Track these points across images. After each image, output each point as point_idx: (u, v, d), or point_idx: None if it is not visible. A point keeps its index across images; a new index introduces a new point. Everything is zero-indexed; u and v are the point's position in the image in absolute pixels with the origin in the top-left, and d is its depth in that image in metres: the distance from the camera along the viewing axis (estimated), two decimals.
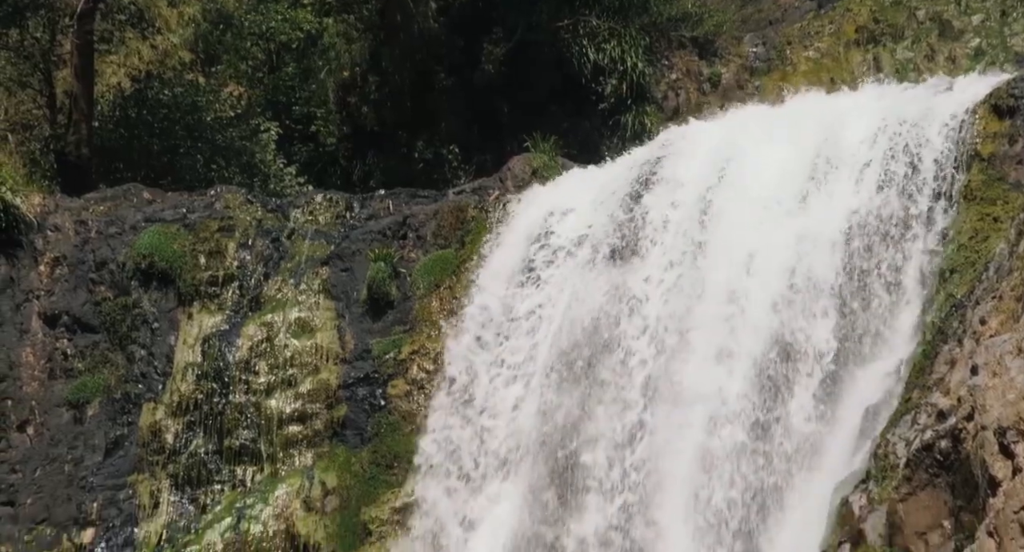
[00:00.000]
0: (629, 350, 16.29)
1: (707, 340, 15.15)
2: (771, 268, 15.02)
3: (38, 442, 20.07)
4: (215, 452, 19.74)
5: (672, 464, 14.73)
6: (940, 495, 10.30)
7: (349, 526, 18.68)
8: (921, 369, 12.01)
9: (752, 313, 14.81)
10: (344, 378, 19.92)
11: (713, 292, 15.44)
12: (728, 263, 15.57)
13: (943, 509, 10.25)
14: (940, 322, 12.46)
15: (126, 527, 19.44)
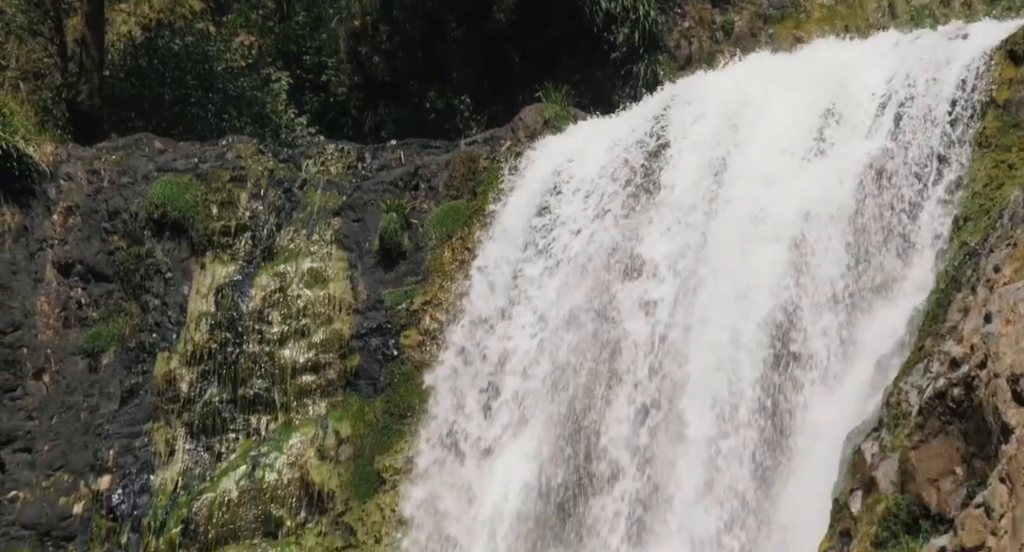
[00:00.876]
0: (645, 298, 16.32)
1: (725, 280, 15.17)
2: (783, 219, 14.98)
3: (54, 390, 20.22)
4: (229, 401, 19.89)
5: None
6: (953, 442, 10.32)
7: (363, 474, 18.82)
8: (934, 317, 12.01)
9: (766, 260, 14.82)
10: (357, 328, 20.00)
11: (726, 240, 15.44)
12: (740, 214, 15.55)
13: (955, 456, 10.28)
14: (953, 270, 12.43)
15: (142, 474, 19.63)
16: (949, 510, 10.18)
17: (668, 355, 15.46)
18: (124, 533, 19.25)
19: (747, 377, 14.28)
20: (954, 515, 10.01)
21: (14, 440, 19.94)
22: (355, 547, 18.22)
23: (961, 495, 10.09)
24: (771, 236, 14.83)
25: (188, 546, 18.78)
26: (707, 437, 14.26)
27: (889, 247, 14.14)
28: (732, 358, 14.44)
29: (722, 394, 14.32)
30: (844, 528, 11.57)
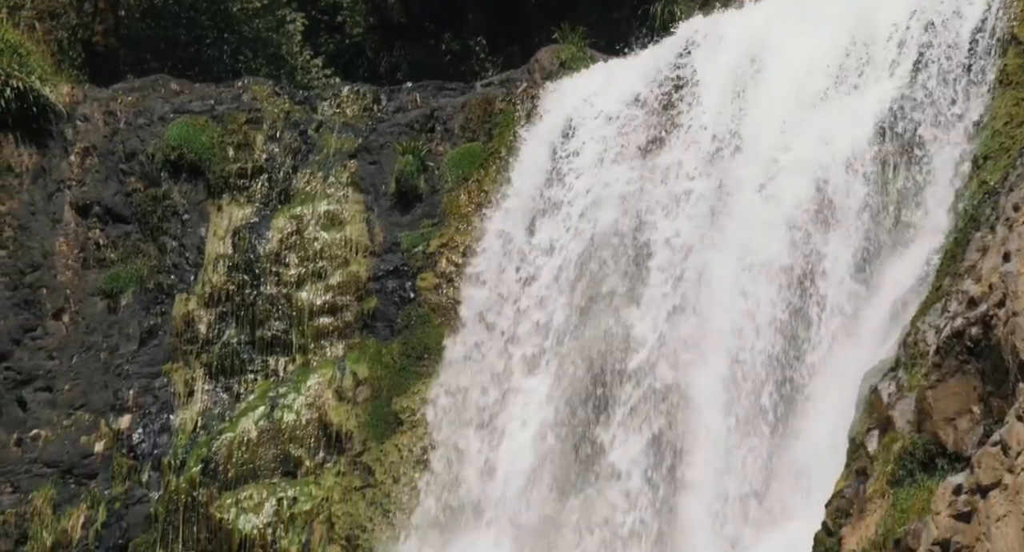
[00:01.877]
0: (664, 236, 16.36)
1: (743, 215, 15.18)
2: (803, 158, 14.93)
3: (73, 330, 20.35)
4: (248, 342, 20.00)
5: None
6: (970, 381, 10.32)
7: (381, 416, 18.94)
8: (952, 257, 11.96)
9: (785, 204, 14.81)
10: (374, 271, 20.04)
11: (748, 179, 15.42)
12: (759, 154, 15.50)
13: (972, 395, 10.28)
14: (972, 209, 12.36)
15: (162, 414, 19.81)
16: (966, 448, 10.20)
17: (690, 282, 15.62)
18: (145, 472, 19.46)
19: (766, 301, 14.41)
20: (971, 453, 10.03)
21: (35, 379, 20.13)
22: (373, 487, 18.38)
23: (978, 433, 10.11)
24: (792, 172, 14.81)
25: (208, 485, 18.98)
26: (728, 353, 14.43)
27: (908, 186, 14.09)
28: (751, 290, 14.57)
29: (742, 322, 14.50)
30: (860, 467, 11.62)
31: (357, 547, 17.90)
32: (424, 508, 17.62)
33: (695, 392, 14.83)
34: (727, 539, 14.11)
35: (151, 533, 18.91)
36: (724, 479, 14.11)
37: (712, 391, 14.62)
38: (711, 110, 16.81)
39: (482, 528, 17.11)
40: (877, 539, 10.76)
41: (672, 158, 16.93)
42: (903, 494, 10.74)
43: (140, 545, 18.89)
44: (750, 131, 15.96)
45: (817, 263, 14.39)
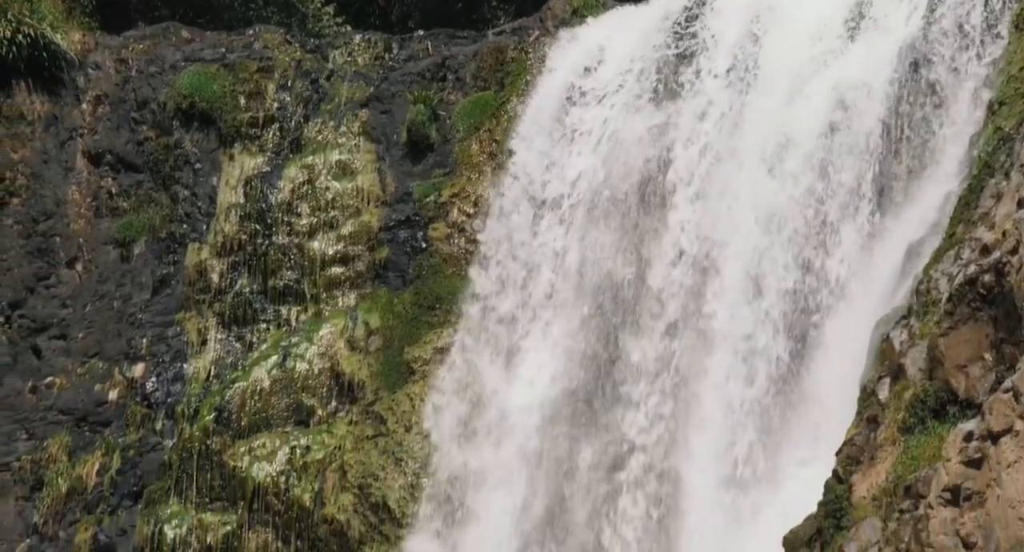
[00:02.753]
0: (675, 178, 16.38)
1: (755, 163, 15.18)
2: (818, 104, 14.86)
3: (87, 279, 20.43)
4: (260, 292, 20.06)
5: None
6: (982, 329, 10.29)
7: (393, 365, 19.01)
8: (966, 204, 11.89)
9: (800, 143, 14.81)
10: (385, 220, 20.03)
11: (761, 122, 15.41)
12: (775, 97, 15.44)
13: (984, 342, 10.25)
14: (987, 156, 12.26)
15: (175, 363, 19.91)
16: (977, 395, 10.19)
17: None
18: (159, 420, 19.60)
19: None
20: (982, 400, 10.02)
21: (49, 327, 20.25)
22: (385, 435, 18.47)
23: (989, 380, 10.09)
24: (807, 113, 14.82)
25: (221, 433, 19.11)
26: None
27: (922, 133, 14.01)
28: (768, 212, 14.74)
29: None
30: (871, 415, 11.62)
31: (369, 495, 18.04)
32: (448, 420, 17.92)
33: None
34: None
35: (165, 481, 19.08)
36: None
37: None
38: (726, 54, 16.71)
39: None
40: (887, 486, 10.79)
41: (688, 104, 16.85)
42: (914, 441, 10.75)
43: (155, 492, 19.07)
44: (766, 72, 15.89)
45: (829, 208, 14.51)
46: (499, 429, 17.53)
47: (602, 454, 15.97)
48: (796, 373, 14.22)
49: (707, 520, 14.27)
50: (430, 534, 17.53)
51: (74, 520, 19.20)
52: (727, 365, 14.63)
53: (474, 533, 17.16)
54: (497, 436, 17.52)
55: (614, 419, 16.00)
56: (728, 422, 14.44)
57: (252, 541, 18.52)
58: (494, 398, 17.72)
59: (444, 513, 17.54)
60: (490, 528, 16.95)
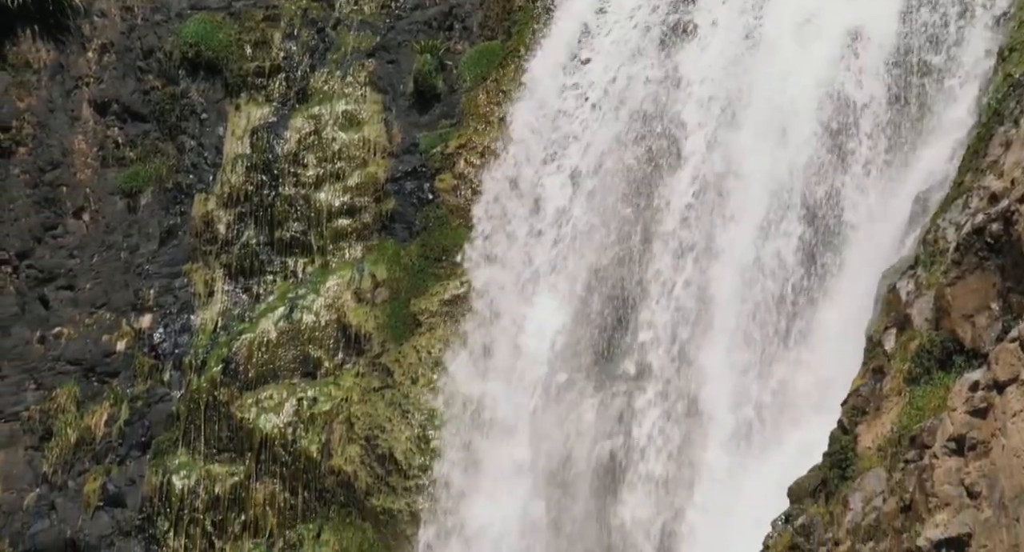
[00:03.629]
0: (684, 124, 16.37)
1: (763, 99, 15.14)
2: (826, 46, 14.80)
3: (94, 229, 20.45)
4: (266, 243, 20.06)
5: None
6: (989, 278, 10.27)
7: (399, 317, 19.03)
8: (975, 152, 11.82)
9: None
10: (392, 172, 19.99)
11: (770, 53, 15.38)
12: (782, 34, 15.38)
13: (991, 291, 10.24)
14: (996, 103, 12.15)
15: (183, 314, 19.96)
16: (983, 345, 10.19)
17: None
18: (166, 371, 19.68)
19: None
20: (988, 350, 10.02)
21: (56, 277, 20.29)
22: (392, 387, 18.54)
23: (996, 330, 10.09)
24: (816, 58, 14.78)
25: (229, 384, 19.19)
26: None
27: (932, 79, 13.91)
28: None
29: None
30: (877, 365, 11.64)
31: (376, 447, 18.13)
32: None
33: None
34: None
35: (173, 431, 19.18)
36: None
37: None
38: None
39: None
40: (892, 436, 10.81)
41: (695, 47, 16.75)
42: (919, 391, 10.77)
43: (163, 443, 19.18)
44: (767, 20, 15.81)
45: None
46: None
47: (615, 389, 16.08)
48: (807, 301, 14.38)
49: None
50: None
51: (83, 470, 19.34)
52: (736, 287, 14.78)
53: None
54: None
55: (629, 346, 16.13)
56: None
57: (260, 492, 18.65)
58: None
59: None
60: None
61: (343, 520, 18.16)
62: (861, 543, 10.08)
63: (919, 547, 9.26)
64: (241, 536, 18.53)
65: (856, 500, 10.62)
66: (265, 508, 18.55)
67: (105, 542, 18.79)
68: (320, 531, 18.18)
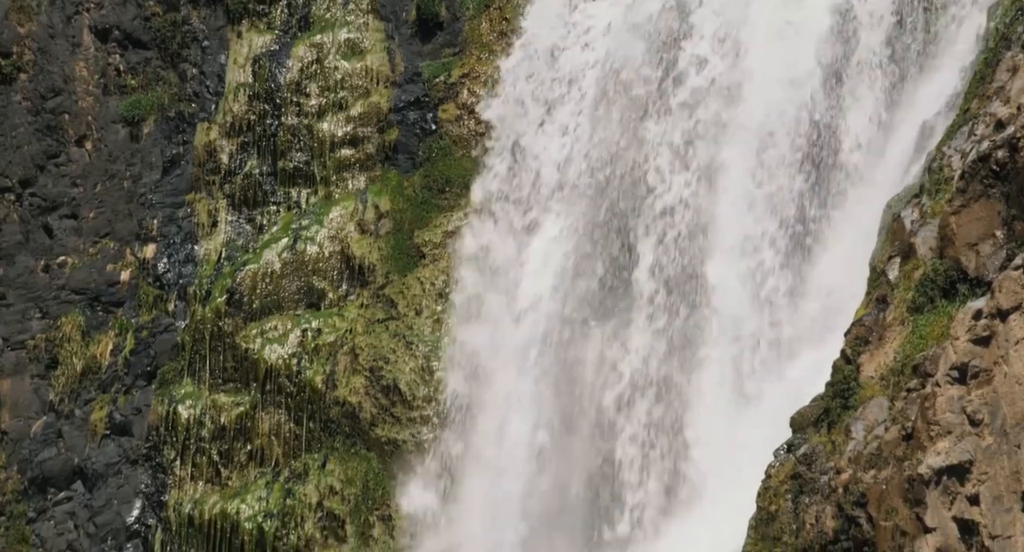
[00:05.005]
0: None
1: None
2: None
3: (96, 157, 20.38)
4: (270, 174, 20.01)
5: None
6: (994, 206, 10.22)
7: (403, 249, 19.03)
8: (982, 78, 11.68)
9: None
10: (395, 101, 19.87)
11: None
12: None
13: (996, 219, 10.20)
14: (1004, 27, 11.97)
15: (186, 244, 19.96)
16: (987, 273, 10.17)
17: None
18: (171, 301, 19.72)
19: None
20: (992, 278, 10.00)
21: (60, 206, 20.27)
22: (396, 319, 18.58)
23: (1000, 258, 10.05)
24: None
25: (233, 315, 19.24)
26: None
27: (937, 5, 13.73)
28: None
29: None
30: (881, 295, 11.62)
31: (381, 378, 18.21)
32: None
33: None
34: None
35: (179, 361, 19.27)
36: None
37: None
38: None
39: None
40: (895, 365, 10.83)
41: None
42: (922, 321, 10.76)
43: (168, 372, 19.28)
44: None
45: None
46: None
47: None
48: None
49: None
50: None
51: (89, 399, 19.47)
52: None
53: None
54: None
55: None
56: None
57: (265, 422, 18.78)
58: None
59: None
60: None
61: (348, 450, 18.30)
62: (863, 471, 10.14)
63: (920, 475, 9.31)
64: (247, 465, 18.69)
65: (858, 429, 10.68)
66: (271, 438, 18.69)
67: (112, 470, 18.97)
68: (325, 461, 18.32)
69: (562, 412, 16.63)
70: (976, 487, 9.03)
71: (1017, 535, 8.66)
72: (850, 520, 10.07)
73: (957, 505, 9.07)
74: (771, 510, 11.27)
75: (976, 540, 8.83)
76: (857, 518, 9.97)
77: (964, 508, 9.02)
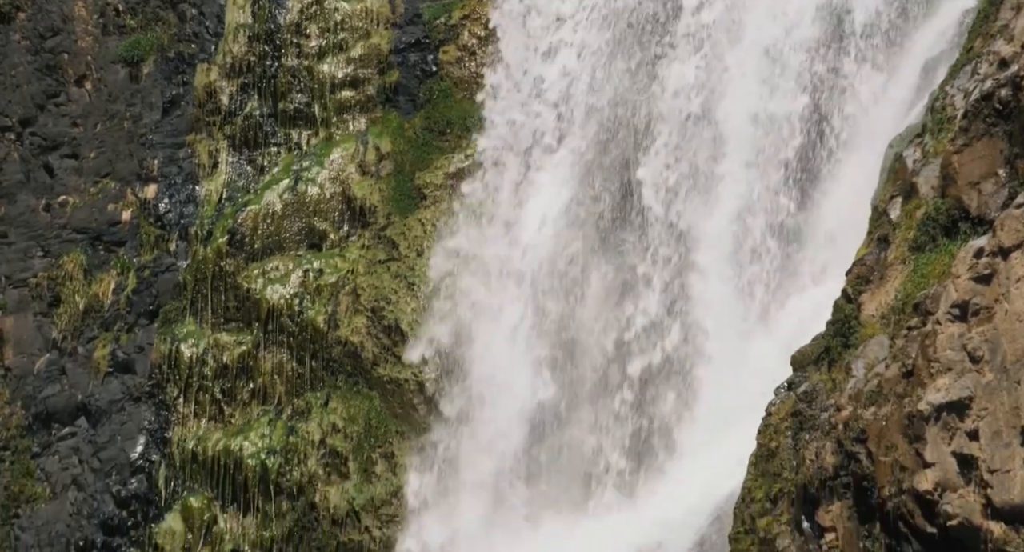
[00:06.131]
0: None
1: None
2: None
3: (96, 97, 20.33)
4: (270, 115, 19.95)
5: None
6: (996, 144, 10.20)
7: (404, 190, 19.02)
8: (985, 16, 11.61)
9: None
10: (395, 43, 19.77)
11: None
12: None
13: (998, 158, 10.18)
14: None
15: (187, 184, 19.96)
16: (989, 212, 10.18)
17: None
18: (172, 241, 19.75)
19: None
20: (994, 216, 10.00)
21: (60, 146, 20.26)
22: (397, 260, 18.62)
23: (1002, 196, 10.05)
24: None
25: (235, 255, 19.27)
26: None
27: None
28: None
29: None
30: (882, 234, 11.63)
31: (382, 318, 18.27)
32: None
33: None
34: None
35: (181, 301, 19.33)
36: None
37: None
38: None
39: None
40: (896, 304, 10.86)
41: None
42: (924, 259, 10.78)
43: (170, 312, 19.34)
44: None
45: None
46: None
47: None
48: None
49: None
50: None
51: (92, 337, 19.56)
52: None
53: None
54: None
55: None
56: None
57: (267, 361, 18.87)
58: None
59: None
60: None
61: (350, 389, 18.41)
62: (863, 408, 10.20)
63: (920, 411, 9.37)
64: (250, 403, 18.82)
65: (858, 367, 10.72)
66: (273, 377, 18.79)
67: (116, 407, 19.10)
68: (328, 399, 18.44)
69: (565, 345, 16.77)
70: (975, 423, 9.10)
71: (1016, 469, 8.74)
72: (849, 456, 10.15)
73: (956, 440, 9.14)
74: (771, 447, 11.35)
75: (975, 474, 8.91)
76: (857, 454, 10.04)
77: (963, 443, 9.09)
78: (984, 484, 8.83)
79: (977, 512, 8.82)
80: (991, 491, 8.77)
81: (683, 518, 12.85)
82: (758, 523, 10.98)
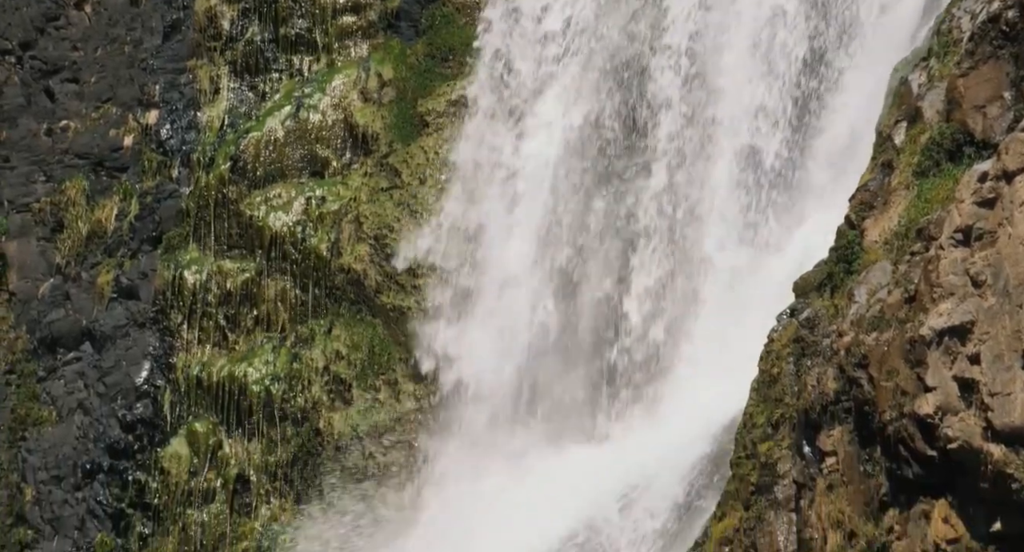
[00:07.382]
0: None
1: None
2: None
3: (96, 21, 20.17)
4: (271, 41, 19.81)
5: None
6: (1002, 67, 10.11)
7: (406, 118, 18.93)
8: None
9: None
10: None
11: None
12: None
13: (1004, 81, 10.10)
14: None
15: (189, 110, 19.87)
16: (994, 135, 10.12)
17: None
18: (174, 167, 19.71)
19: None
20: (999, 140, 9.95)
21: (60, 70, 20.14)
22: (400, 188, 18.59)
23: (1007, 119, 10.00)
24: None
25: (237, 182, 19.24)
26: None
27: None
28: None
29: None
30: (886, 160, 11.58)
31: (385, 246, 18.28)
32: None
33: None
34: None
35: (184, 227, 19.34)
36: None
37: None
38: None
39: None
40: (899, 229, 10.84)
41: None
42: (928, 184, 10.74)
43: (173, 238, 19.36)
44: None
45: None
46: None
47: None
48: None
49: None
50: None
51: (95, 262, 19.60)
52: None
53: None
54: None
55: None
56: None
57: (270, 288, 18.92)
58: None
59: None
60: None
61: (353, 316, 18.47)
62: (865, 334, 10.22)
63: (922, 336, 9.39)
64: (253, 330, 18.90)
65: (861, 293, 10.73)
66: (276, 304, 18.85)
67: (120, 332, 19.19)
68: (331, 326, 18.51)
69: (565, 276, 16.82)
70: (977, 347, 9.12)
71: (1016, 392, 8.78)
72: (851, 381, 10.19)
73: (958, 364, 9.17)
74: (773, 373, 11.40)
75: (975, 398, 8.95)
76: (858, 379, 10.09)
77: (965, 367, 9.13)
78: (985, 407, 8.88)
79: (977, 435, 8.88)
80: (991, 414, 8.82)
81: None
82: (759, 448, 11.07)
